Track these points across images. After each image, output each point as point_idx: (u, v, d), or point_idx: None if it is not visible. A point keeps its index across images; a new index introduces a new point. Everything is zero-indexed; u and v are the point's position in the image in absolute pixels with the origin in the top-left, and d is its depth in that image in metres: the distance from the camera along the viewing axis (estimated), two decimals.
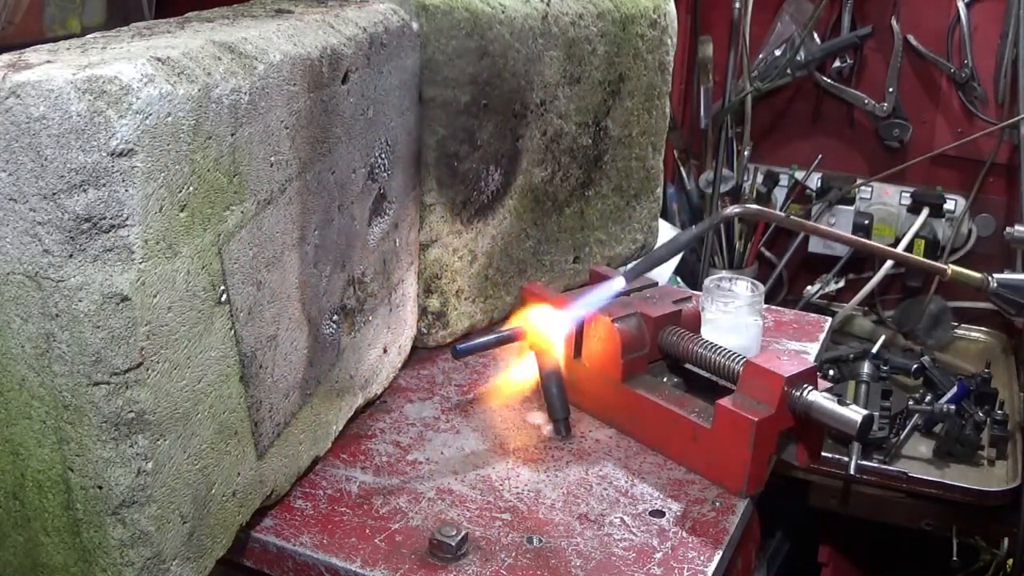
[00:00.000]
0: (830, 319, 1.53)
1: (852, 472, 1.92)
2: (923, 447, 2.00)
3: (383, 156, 1.13)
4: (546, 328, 1.18)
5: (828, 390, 1.05)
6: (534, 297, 1.22)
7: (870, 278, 2.38)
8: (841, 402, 1.02)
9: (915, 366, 2.13)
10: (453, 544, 0.94)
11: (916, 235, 2.39)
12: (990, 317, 2.44)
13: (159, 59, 0.75)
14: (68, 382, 0.75)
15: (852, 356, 2.15)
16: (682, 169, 2.61)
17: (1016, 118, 2.23)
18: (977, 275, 0.97)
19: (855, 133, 2.56)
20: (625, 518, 1.02)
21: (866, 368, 2.09)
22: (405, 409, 1.22)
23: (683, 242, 1.14)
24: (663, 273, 1.93)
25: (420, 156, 1.24)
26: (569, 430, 1.17)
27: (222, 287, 0.83)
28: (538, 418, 1.20)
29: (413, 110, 1.20)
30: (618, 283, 1.18)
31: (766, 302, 1.42)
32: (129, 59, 0.73)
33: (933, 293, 2.40)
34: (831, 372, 2.11)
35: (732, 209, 1.14)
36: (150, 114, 0.72)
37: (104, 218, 0.71)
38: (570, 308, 1.18)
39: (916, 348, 2.37)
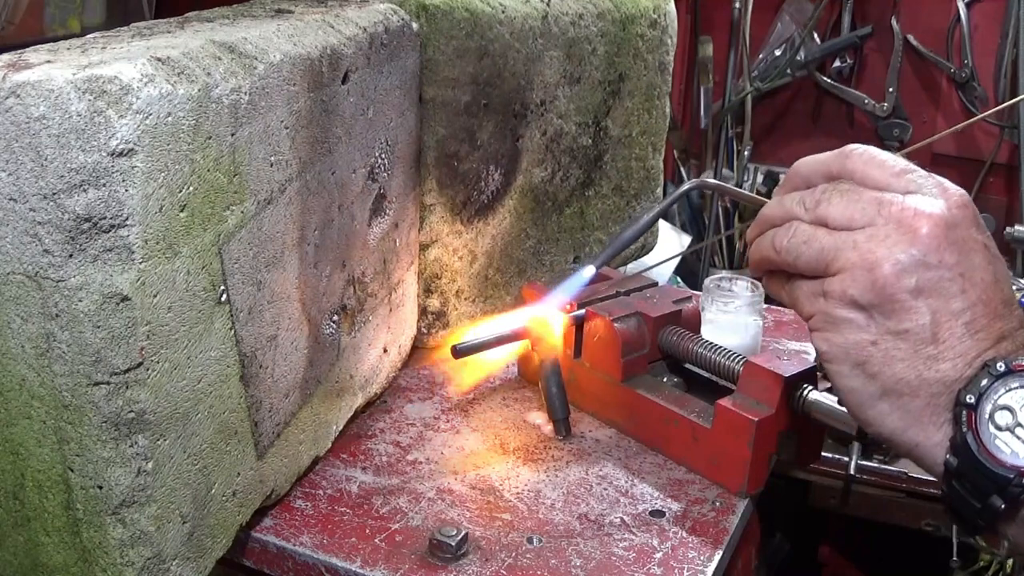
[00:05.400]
0: None
1: (852, 472, 1.92)
2: None
3: (383, 156, 1.13)
4: (545, 327, 1.18)
5: (828, 390, 1.04)
6: (533, 297, 1.22)
7: None
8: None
9: None
10: (453, 544, 0.94)
11: None
12: None
13: (159, 59, 0.75)
14: (68, 382, 0.74)
15: None
16: (682, 169, 2.61)
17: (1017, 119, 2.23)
18: None
19: (855, 133, 2.56)
20: (625, 518, 1.02)
21: None
22: (405, 409, 1.22)
23: (647, 221, 1.15)
24: (663, 273, 1.93)
25: (420, 156, 1.24)
26: (569, 430, 1.17)
27: (222, 287, 0.83)
28: (538, 418, 1.20)
29: (413, 110, 1.20)
30: (588, 271, 1.17)
31: (766, 302, 1.42)
32: (129, 59, 0.73)
33: None
34: None
35: (690, 183, 1.15)
36: (150, 114, 0.72)
37: (104, 218, 0.71)
38: (542, 300, 1.17)
39: None
